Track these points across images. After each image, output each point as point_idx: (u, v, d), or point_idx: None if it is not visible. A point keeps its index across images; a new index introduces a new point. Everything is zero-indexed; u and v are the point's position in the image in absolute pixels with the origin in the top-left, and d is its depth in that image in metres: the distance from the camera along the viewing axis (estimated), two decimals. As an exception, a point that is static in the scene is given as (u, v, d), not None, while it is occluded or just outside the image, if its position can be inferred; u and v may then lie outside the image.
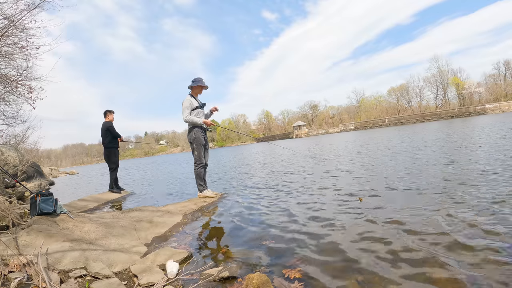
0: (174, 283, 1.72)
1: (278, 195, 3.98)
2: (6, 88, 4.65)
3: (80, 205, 4.69)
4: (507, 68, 56.72)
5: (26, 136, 14.61)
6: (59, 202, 2.79)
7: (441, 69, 59.74)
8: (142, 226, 2.97)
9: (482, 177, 3.40)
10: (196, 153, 4.26)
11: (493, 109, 42.96)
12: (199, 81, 4.25)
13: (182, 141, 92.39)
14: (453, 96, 59.33)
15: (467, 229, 1.99)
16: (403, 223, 2.27)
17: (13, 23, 3.85)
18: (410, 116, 52.00)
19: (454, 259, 1.61)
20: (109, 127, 5.74)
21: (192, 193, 5.01)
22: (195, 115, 4.17)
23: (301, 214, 2.89)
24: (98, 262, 1.97)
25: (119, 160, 6.05)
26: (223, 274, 1.73)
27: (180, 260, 2.03)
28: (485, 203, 2.46)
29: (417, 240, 1.93)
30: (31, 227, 2.33)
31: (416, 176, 4.03)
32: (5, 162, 9.22)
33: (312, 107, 76.76)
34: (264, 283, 1.49)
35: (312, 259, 1.85)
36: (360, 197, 3.22)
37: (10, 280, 1.58)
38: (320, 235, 2.26)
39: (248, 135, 45.64)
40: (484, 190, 2.86)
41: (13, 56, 4.46)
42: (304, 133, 59.88)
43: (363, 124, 55.87)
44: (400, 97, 65.53)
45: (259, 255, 2.02)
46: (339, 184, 4.22)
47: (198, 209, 3.70)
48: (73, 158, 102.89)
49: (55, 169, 24.23)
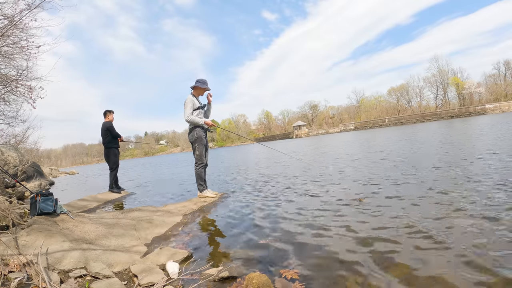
0: (174, 283, 1.72)
1: (278, 196, 3.98)
2: (6, 88, 4.65)
3: (80, 205, 4.69)
4: (507, 68, 56.76)
5: (26, 136, 14.62)
6: (59, 202, 2.79)
7: (441, 69, 59.83)
8: (142, 226, 2.97)
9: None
10: (198, 153, 4.26)
11: (493, 109, 42.95)
12: (204, 82, 4.25)
13: (182, 141, 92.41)
14: (453, 96, 59.43)
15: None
16: (404, 223, 2.27)
17: (13, 23, 3.85)
18: (410, 116, 51.99)
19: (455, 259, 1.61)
20: (109, 127, 5.74)
21: (192, 193, 5.01)
22: (196, 115, 4.17)
23: (301, 214, 2.89)
24: (98, 262, 1.97)
25: (119, 160, 6.05)
26: (223, 274, 1.73)
27: (180, 260, 2.03)
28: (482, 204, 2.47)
29: (418, 240, 1.93)
30: (31, 227, 2.33)
31: (418, 179, 4.03)
32: (5, 162, 9.22)
33: (312, 107, 76.78)
34: (264, 283, 1.49)
35: (312, 259, 1.85)
36: (361, 198, 3.22)
37: (10, 280, 1.58)
38: (320, 235, 2.26)
39: (247, 138, 45.75)
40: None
41: (13, 56, 4.47)
42: (304, 133, 59.87)
43: (363, 124, 55.86)
44: (400, 97, 65.57)
45: (259, 255, 2.02)
46: (339, 184, 4.22)
47: (198, 209, 3.69)
48: (73, 158, 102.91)
49: (55, 169, 24.22)
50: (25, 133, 14.14)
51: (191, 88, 4.29)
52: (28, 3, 3.82)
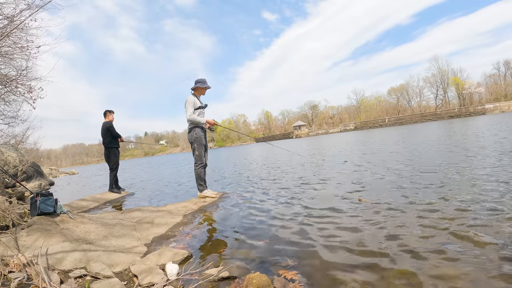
0: (174, 283, 1.72)
1: (278, 196, 3.97)
2: (6, 88, 4.65)
3: (80, 205, 4.69)
4: (507, 68, 56.79)
5: (26, 136, 14.62)
6: (59, 202, 2.79)
7: (441, 69, 59.83)
8: (142, 226, 2.97)
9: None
10: (197, 153, 4.26)
11: (493, 109, 42.96)
12: (204, 82, 4.27)
13: (182, 141, 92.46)
14: (453, 96, 59.44)
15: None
16: (404, 224, 2.27)
17: (13, 23, 3.85)
18: (410, 116, 51.99)
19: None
20: (109, 127, 5.74)
21: (192, 193, 5.01)
22: (198, 115, 4.18)
23: (301, 215, 2.89)
24: (98, 262, 1.97)
25: (119, 160, 6.06)
26: (223, 274, 1.73)
27: (180, 260, 2.03)
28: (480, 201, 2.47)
29: (417, 240, 1.93)
30: (31, 227, 2.33)
31: (422, 179, 4.04)
32: (5, 162, 9.22)
33: (312, 107, 76.79)
34: (264, 283, 1.49)
35: (312, 260, 1.85)
36: (360, 198, 3.22)
37: (10, 280, 1.58)
38: (320, 235, 2.26)
39: (249, 135, 45.72)
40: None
41: (13, 56, 4.46)
42: (304, 133, 59.87)
43: (363, 124, 55.86)
44: (400, 97, 65.58)
45: (259, 255, 2.02)
46: (339, 185, 4.22)
47: (198, 209, 3.69)
48: (73, 158, 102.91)
49: (55, 169, 24.24)
50: (25, 133, 14.15)
51: (192, 89, 4.29)
52: (28, 3, 3.83)
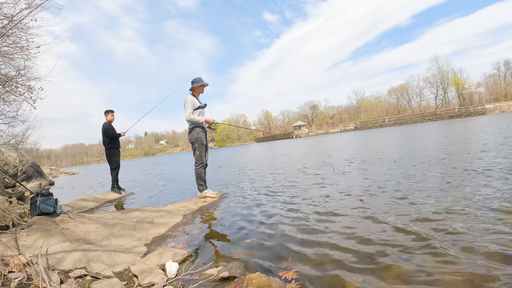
0: (174, 283, 1.72)
1: (278, 196, 3.97)
2: (6, 88, 4.64)
3: (80, 205, 4.69)
4: (507, 68, 56.76)
5: (26, 136, 14.64)
6: (59, 202, 2.79)
7: (441, 69, 59.82)
8: (142, 226, 2.96)
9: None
10: (198, 153, 4.26)
11: (493, 109, 42.96)
12: (199, 80, 4.25)
13: (182, 141, 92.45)
14: (453, 96, 59.40)
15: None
16: (404, 224, 2.27)
17: (13, 23, 3.85)
18: (410, 116, 52.00)
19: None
20: (106, 129, 5.76)
21: (192, 193, 5.00)
22: (197, 115, 4.18)
23: (301, 215, 2.89)
24: (98, 262, 1.97)
25: (119, 160, 6.08)
26: (223, 274, 1.72)
27: (180, 260, 2.03)
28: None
29: (417, 240, 1.93)
30: (31, 227, 2.33)
31: (423, 179, 4.04)
32: (5, 162, 9.22)
33: (312, 107, 76.79)
34: (264, 283, 1.49)
35: (312, 260, 1.85)
36: (362, 198, 3.22)
37: (10, 280, 1.58)
38: (320, 236, 2.26)
39: (250, 129, 45.82)
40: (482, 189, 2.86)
41: (13, 56, 4.46)
42: (304, 133, 59.87)
43: (363, 124, 55.87)
44: (400, 97, 65.58)
45: (259, 255, 2.02)
46: (339, 185, 4.22)
47: (198, 209, 3.69)
48: (73, 158, 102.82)
49: (55, 169, 24.24)
50: (25, 133, 14.17)
51: (190, 90, 4.29)
52: (28, 2, 3.82)
